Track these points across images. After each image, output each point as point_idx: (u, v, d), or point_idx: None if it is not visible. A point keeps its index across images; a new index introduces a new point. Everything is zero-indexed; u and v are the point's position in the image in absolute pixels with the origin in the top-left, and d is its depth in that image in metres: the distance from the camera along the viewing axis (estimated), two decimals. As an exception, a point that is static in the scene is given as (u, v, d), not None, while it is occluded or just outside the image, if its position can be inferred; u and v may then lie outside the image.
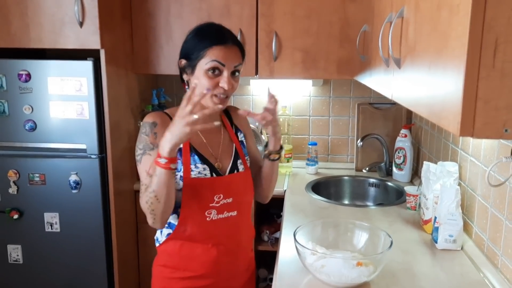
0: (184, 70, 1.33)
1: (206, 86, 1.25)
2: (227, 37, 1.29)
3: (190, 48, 1.29)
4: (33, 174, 2.11)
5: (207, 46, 1.26)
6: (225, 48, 1.26)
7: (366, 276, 1.25)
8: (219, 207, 1.31)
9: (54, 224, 2.14)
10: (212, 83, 1.26)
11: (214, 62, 1.25)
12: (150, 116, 1.32)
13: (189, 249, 1.32)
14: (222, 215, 1.32)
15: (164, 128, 1.23)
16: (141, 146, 1.28)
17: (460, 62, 0.76)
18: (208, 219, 1.30)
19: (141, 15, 2.27)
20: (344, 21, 2.19)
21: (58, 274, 2.20)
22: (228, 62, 1.26)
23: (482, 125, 0.75)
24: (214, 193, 1.30)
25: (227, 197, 1.32)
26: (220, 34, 1.30)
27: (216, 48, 1.26)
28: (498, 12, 0.71)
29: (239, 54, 1.31)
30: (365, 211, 1.95)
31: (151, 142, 1.27)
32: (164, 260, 1.37)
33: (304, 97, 2.63)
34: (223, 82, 1.25)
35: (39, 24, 1.99)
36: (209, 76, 1.26)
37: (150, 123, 1.29)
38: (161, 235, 1.36)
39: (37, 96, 2.05)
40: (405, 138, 2.32)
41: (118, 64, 2.15)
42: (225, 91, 1.26)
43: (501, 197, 1.33)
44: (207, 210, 1.30)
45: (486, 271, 1.36)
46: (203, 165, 1.31)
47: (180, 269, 1.34)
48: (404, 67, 1.16)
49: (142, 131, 1.30)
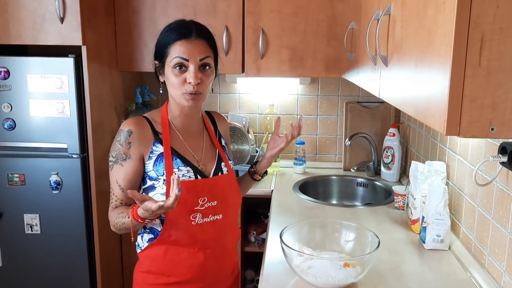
0: (158, 71, 1.32)
1: (174, 84, 1.25)
2: (191, 31, 1.25)
3: (158, 48, 1.29)
4: (12, 174, 2.06)
5: (170, 43, 1.25)
6: (187, 42, 1.23)
7: (353, 277, 1.24)
8: (204, 211, 1.29)
9: (35, 225, 2.09)
10: (179, 80, 1.24)
11: (177, 59, 1.23)
12: (127, 123, 1.29)
13: (175, 254, 1.29)
14: (207, 219, 1.30)
15: (140, 137, 1.27)
16: (114, 155, 1.28)
17: (446, 60, 0.75)
18: (194, 223, 1.28)
19: (125, 11, 2.23)
20: (331, 19, 2.18)
21: (39, 277, 2.15)
22: (192, 57, 1.23)
23: (468, 123, 0.74)
24: (198, 196, 1.28)
25: (211, 200, 1.30)
26: (183, 29, 1.26)
27: (178, 43, 1.24)
28: (483, 10, 0.70)
29: (207, 46, 1.27)
30: (353, 211, 1.94)
31: (124, 152, 1.26)
32: (147, 266, 1.33)
33: (292, 96, 2.61)
34: (189, 77, 1.23)
35: (19, 20, 1.94)
36: (176, 73, 1.24)
37: (125, 132, 1.27)
38: (142, 241, 1.33)
39: (16, 94, 2.00)
40: (394, 137, 2.31)
41: (101, 62, 2.11)
42: (194, 86, 1.23)
43: (488, 197, 1.33)
44: (192, 214, 1.28)
45: (473, 271, 1.36)
46: (186, 167, 1.29)
47: (165, 275, 1.31)
48: (391, 65, 1.15)
49: (117, 139, 1.28)
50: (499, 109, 0.73)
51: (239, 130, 2.46)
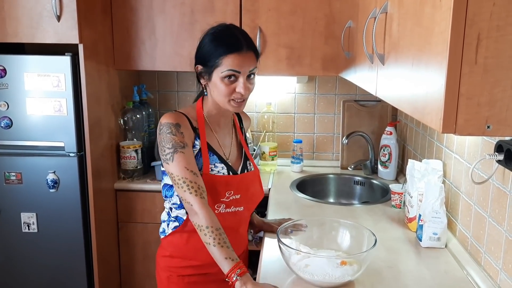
0: (201, 75, 1.37)
1: (223, 93, 1.31)
2: (242, 44, 1.30)
3: (206, 55, 1.32)
4: (9, 173, 2.05)
5: (222, 55, 1.28)
6: (239, 55, 1.29)
7: (350, 275, 1.24)
8: (228, 202, 1.39)
9: (32, 224, 2.09)
10: (229, 89, 1.31)
11: (229, 71, 1.29)
12: (171, 117, 1.32)
13: (196, 241, 1.32)
14: (229, 209, 1.40)
15: (187, 130, 1.32)
16: (170, 145, 1.29)
17: (442, 58, 0.75)
18: (217, 212, 1.37)
19: (123, 9, 2.22)
20: (329, 17, 2.18)
21: (37, 276, 2.14)
22: (243, 69, 1.30)
23: (464, 121, 0.74)
24: (226, 190, 1.38)
25: (236, 194, 1.40)
26: (235, 40, 1.31)
27: (231, 56, 1.28)
28: (480, 8, 0.71)
29: (254, 58, 1.34)
30: (350, 209, 1.94)
31: (180, 140, 1.30)
32: (170, 251, 1.44)
33: (289, 94, 2.61)
34: (240, 87, 1.30)
35: (16, 18, 1.93)
36: (226, 83, 1.30)
37: (175, 124, 1.31)
38: (168, 228, 1.43)
39: (13, 92, 1.99)
40: (390, 135, 2.31)
41: (98, 60, 2.10)
42: (242, 95, 1.32)
43: (485, 195, 1.33)
44: (217, 204, 1.37)
45: (469, 269, 1.36)
46: (221, 164, 1.38)
47: (187, 259, 1.42)
48: (388, 64, 1.15)
49: (166, 131, 1.30)
50: (496, 107, 0.74)
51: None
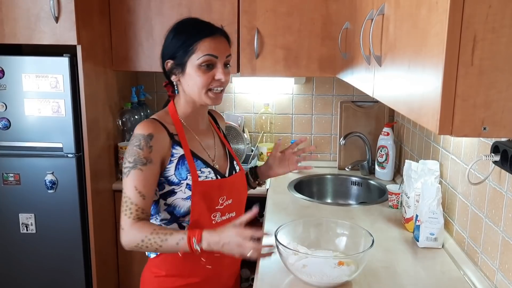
0: (172, 72, 1.26)
1: (201, 83, 1.21)
2: (215, 28, 1.25)
3: (176, 47, 1.23)
4: (7, 174, 2.05)
5: (197, 40, 1.20)
6: (215, 39, 1.22)
7: (348, 275, 1.24)
8: (222, 209, 1.30)
9: (30, 225, 2.08)
10: (206, 77, 1.22)
11: (207, 56, 1.20)
12: (144, 127, 1.22)
13: (194, 256, 1.23)
14: (224, 217, 1.31)
15: (160, 140, 1.21)
16: (132, 160, 1.19)
17: (438, 60, 0.75)
18: (214, 222, 1.28)
19: (120, 11, 2.22)
20: (326, 18, 2.18)
21: (35, 277, 2.14)
22: (220, 54, 1.22)
23: (460, 123, 0.75)
24: (219, 195, 1.29)
25: (229, 198, 1.32)
26: (206, 25, 1.25)
27: (206, 40, 1.21)
28: (476, 9, 0.71)
29: (228, 44, 1.27)
30: (347, 209, 1.95)
31: (145, 156, 1.19)
32: (165, 270, 1.30)
33: (287, 95, 2.62)
34: (219, 74, 1.22)
35: (14, 19, 1.93)
36: (203, 70, 1.21)
37: (146, 136, 1.20)
38: None
39: (11, 94, 1.99)
40: (388, 136, 2.32)
41: (96, 61, 2.11)
42: (221, 83, 1.23)
43: (481, 195, 1.34)
44: (213, 213, 1.28)
45: (466, 269, 1.37)
46: (207, 168, 1.29)
47: (185, 276, 1.30)
48: (385, 65, 1.15)
49: (135, 143, 1.20)
50: (492, 109, 0.74)
51: (234, 129, 2.46)
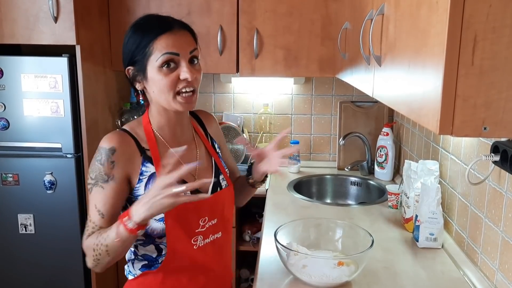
0: (135, 79, 1.11)
1: (165, 86, 1.06)
2: (171, 22, 1.09)
3: (133, 49, 1.08)
4: (6, 174, 2.05)
5: (152, 39, 1.05)
6: (173, 34, 1.06)
7: (348, 275, 1.24)
8: (204, 232, 1.16)
9: (29, 225, 2.08)
10: (170, 79, 1.06)
11: (166, 55, 1.05)
12: (107, 140, 1.09)
13: (175, 281, 1.15)
14: (208, 240, 1.17)
15: (125, 155, 1.08)
16: (93, 176, 1.08)
17: (439, 60, 0.75)
18: (195, 247, 1.15)
19: (120, 11, 2.22)
20: (325, 18, 2.18)
21: (34, 277, 2.14)
22: (181, 50, 1.06)
23: (461, 123, 0.75)
24: (199, 217, 1.15)
25: (212, 219, 1.17)
26: (161, 21, 1.09)
27: (162, 37, 1.05)
28: (476, 9, 0.71)
29: (191, 38, 1.11)
30: (347, 210, 1.95)
31: (106, 173, 1.07)
32: None
33: (286, 95, 2.62)
34: (184, 72, 1.06)
35: (13, 19, 1.93)
36: (164, 72, 1.06)
37: (107, 150, 1.08)
38: (134, 268, 1.18)
39: (10, 94, 1.99)
40: (387, 136, 2.32)
41: (95, 61, 2.10)
42: (189, 83, 1.07)
43: (481, 195, 1.34)
44: (193, 238, 1.14)
45: (466, 269, 1.37)
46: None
47: None
48: (385, 65, 1.15)
49: (96, 158, 1.09)
50: (492, 109, 0.74)
51: (233, 129, 2.46)
